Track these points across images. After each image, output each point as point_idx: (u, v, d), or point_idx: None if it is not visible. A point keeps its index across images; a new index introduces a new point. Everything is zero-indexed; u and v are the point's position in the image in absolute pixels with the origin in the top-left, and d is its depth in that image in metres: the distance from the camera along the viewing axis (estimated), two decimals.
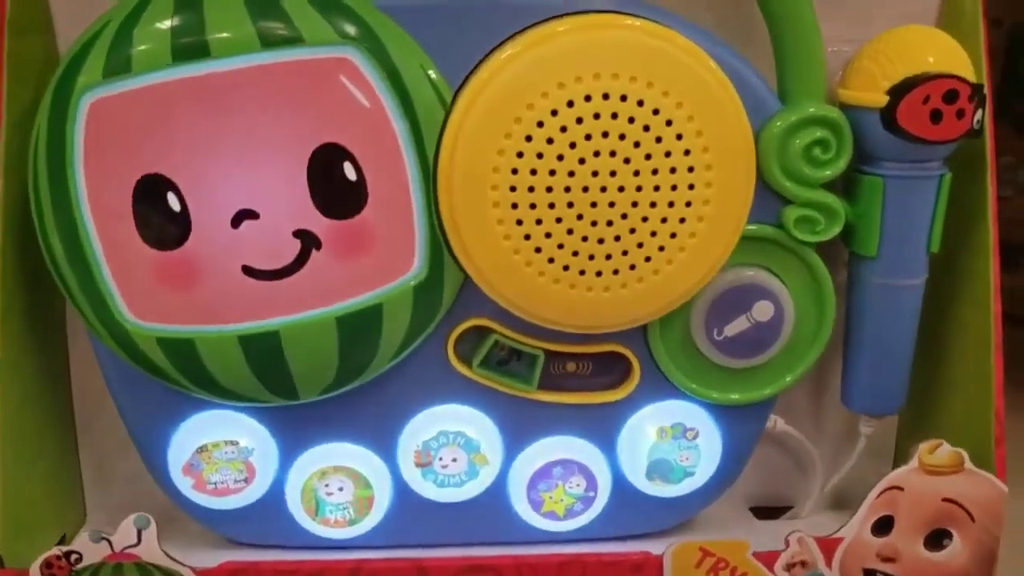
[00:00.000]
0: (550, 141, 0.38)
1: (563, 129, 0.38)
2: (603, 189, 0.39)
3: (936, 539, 0.46)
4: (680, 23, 0.40)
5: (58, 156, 0.39)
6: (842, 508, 0.51)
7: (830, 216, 0.44)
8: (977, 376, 0.47)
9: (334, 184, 0.40)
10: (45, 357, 0.48)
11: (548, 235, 0.40)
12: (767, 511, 0.53)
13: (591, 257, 0.40)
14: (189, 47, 0.38)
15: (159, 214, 0.40)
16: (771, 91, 0.43)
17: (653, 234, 0.40)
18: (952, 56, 0.43)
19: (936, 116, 0.42)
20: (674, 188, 0.40)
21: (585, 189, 0.39)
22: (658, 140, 0.39)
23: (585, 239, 0.40)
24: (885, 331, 0.47)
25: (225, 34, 0.38)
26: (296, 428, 0.46)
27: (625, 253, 0.40)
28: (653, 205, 0.40)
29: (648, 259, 0.41)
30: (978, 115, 0.43)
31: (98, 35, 0.39)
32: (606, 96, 0.38)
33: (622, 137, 0.39)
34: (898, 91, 0.42)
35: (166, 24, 0.38)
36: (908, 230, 0.45)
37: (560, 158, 0.39)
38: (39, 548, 0.43)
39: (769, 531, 0.49)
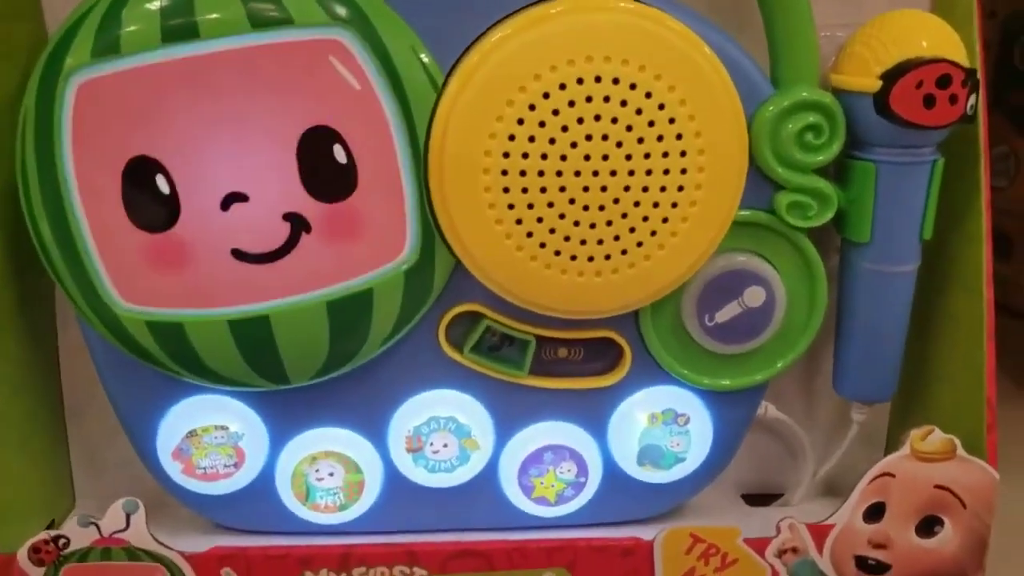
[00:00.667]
0: (542, 124, 0.38)
1: (555, 112, 0.38)
2: (595, 173, 0.39)
3: (927, 526, 0.46)
4: (673, 6, 0.40)
5: (46, 139, 0.39)
6: (833, 495, 0.51)
7: (822, 201, 0.43)
8: (969, 363, 0.47)
9: (324, 167, 0.40)
10: (35, 344, 0.48)
11: (540, 220, 0.40)
12: (758, 498, 0.53)
13: (583, 242, 0.40)
14: (178, 28, 0.38)
15: (148, 197, 0.40)
16: (764, 76, 0.43)
17: (645, 219, 0.40)
18: (945, 41, 0.42)
19: (929, 101, 0.42)
20: (666, 172, 0.39)
21: (577, 173, 0.39)
22: (650, 124, 0.39)
23: (577, 224, 0.40)
24: (877, 318, 0.47)
25: (214, 15, 0.38)
26: (286, 413, 0.45)
27: (617, 238, 0.40)
28: (645, 189, 0.40)
29: (640, 244, 0.41)
30: (971, 100, 0.43)
31: (86, 16, 0.39)
32: (598, 79, 0.38)
33: (614, 121, 0.38)
34: (891, 76, 0.42)
35: (155, 5, 0.38)
36: (900, 216, 0.44)
37: (552, 142, 0.39)
38: (28, 533, 0.43)
39: (760, 517, 0.49)
